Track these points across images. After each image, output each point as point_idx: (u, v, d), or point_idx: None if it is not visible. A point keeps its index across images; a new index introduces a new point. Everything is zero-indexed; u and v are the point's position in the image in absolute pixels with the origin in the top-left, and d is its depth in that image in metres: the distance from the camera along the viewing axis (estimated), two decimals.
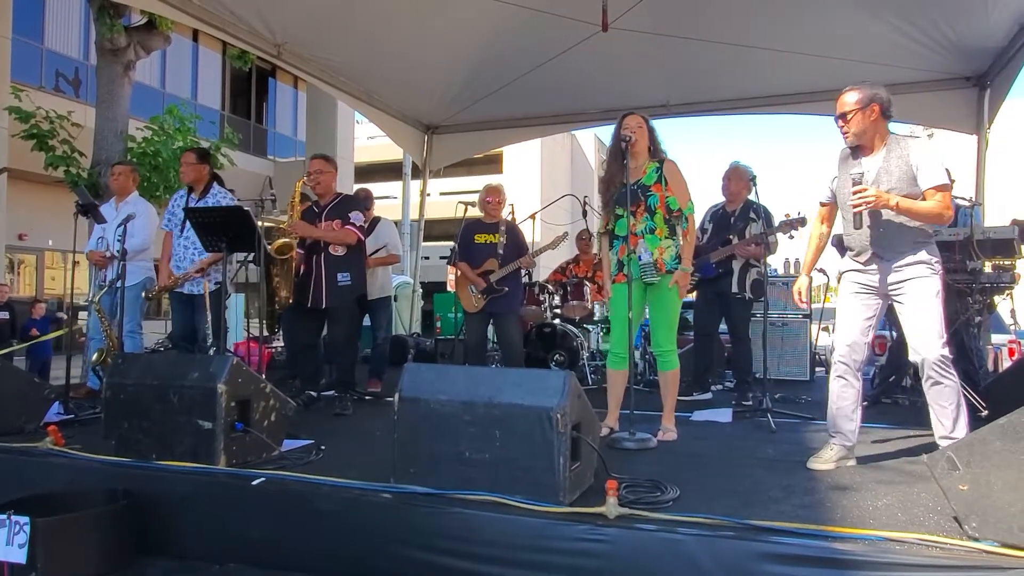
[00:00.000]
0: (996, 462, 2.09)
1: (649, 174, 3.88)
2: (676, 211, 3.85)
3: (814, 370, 7.05)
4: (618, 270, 3.90)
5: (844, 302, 3.22)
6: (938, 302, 2.96)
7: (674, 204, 3.84)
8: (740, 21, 6.04)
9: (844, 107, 3.07)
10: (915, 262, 3.01)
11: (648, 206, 3.82)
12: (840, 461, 3.13)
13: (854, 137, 3.09)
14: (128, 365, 3.30)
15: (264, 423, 3.21)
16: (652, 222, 3.82)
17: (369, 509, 2.62)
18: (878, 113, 3.03)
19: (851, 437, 3.14)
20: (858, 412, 3.16)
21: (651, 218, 3.82)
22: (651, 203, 3.83)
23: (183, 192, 5.05)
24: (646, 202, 3.82)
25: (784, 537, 2.15)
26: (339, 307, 4.70)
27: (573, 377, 2.60)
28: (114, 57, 8.18)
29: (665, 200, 3.83)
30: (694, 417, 4.54)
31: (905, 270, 3.02)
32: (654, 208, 3.82)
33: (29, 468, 3.23)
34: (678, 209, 3.85)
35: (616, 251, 3.93)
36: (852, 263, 3.21)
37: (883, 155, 3.06)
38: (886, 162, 3.04)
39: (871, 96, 3.03)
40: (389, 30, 6.41)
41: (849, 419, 3.14)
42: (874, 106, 3.02)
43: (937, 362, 2.91)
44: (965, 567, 1.98)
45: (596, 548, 2.28)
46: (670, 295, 3.83)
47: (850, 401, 3.14)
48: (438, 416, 2.66)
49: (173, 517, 2.83)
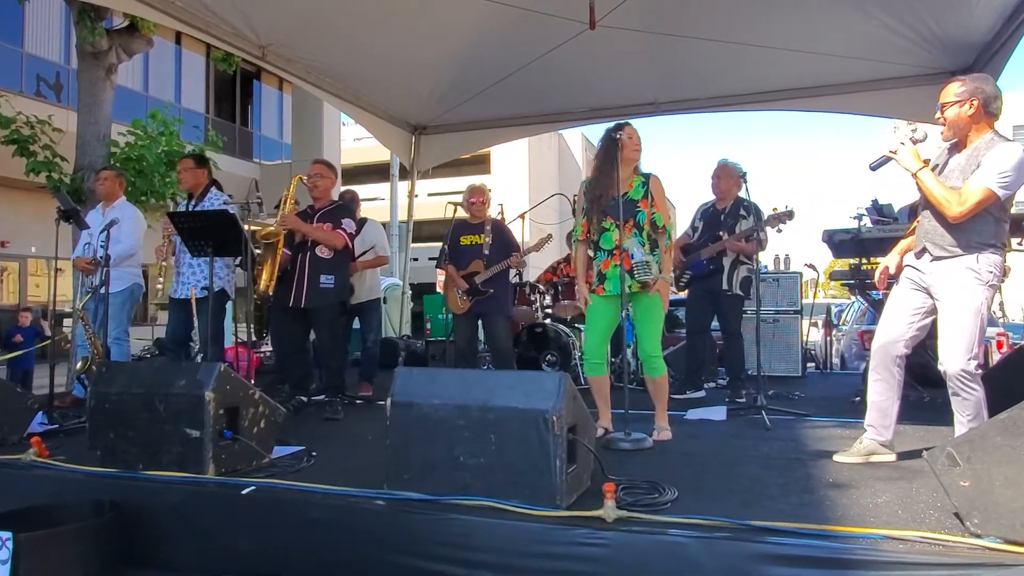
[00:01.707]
0: (997, 458, 2.07)
1: (636, 188, 3.88)
2: (660, 228, 3.89)
3: (805, 366, 7.05)
4: (599, 283, 3.89)
5: (892, 295, 3.14)
6: (974, 316, 2.81)
7: (659, 221, 3.88)
8: (728, 18, 6.02)
9: (944, 97, 2.91)
10: (962, 267, 2.84)
11: (636, 222, 3.82)
12: (870, 455, 3.10)
13: (948, 131, 2.94)
14: (113, 373, 3.23)
15: (253, 430, 3.15)
16: (640, 237, 3.82)
17: (363, 516, 2.57)
18: (978, 108, 2.84)
19: (884, 433, 3.10)
20: (895, 406, 3.10)
21: (639, 234, 3.82)
22: (639, 219, 3.83)
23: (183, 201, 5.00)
24: (635, 217, 3.82)
25: (785, 538, 2.11)
26: (319, 309, 4.66)
27: (568, 379, 2.56)
28: (95, 60, 8.07)
29: (652, 216, 3.85)
30: (688, 416, 4.51)
31: (949, 271, 2.87)
32: (642, 224, 3.83)
33: (12, 481, 3.16)
34: (662, 226, 3.88)
35: (599, 262, 3.91)
36: (910, 257, 3.10)
37: (968, 153, 2.88)
38: (967, 160, 2.88)
39: (973, 89, 2.85)
40: (375, 30, 6.34)
41: (884, 413, 3.09)
42: (974, 100, 2.84)
43: (958, 376, 2.82)
44: (968, 564, 1.96)
45: (595, 552, 2.24)
46: (654, 302, 3.84)
47: (886, 394, 3.08)
48: (431, 421, 2.62)
49: (161, 528, 2.77)
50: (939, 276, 2.91)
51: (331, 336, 4.71)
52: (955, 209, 2.81)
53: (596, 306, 3.91)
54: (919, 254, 3.02)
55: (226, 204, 4.58)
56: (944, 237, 2.90)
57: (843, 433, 3.83)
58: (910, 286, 3.07)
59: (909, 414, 4.13)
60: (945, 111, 2.92)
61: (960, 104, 2.87)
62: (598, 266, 3.91)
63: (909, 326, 3.04)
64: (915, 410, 4.35)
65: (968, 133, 2.91)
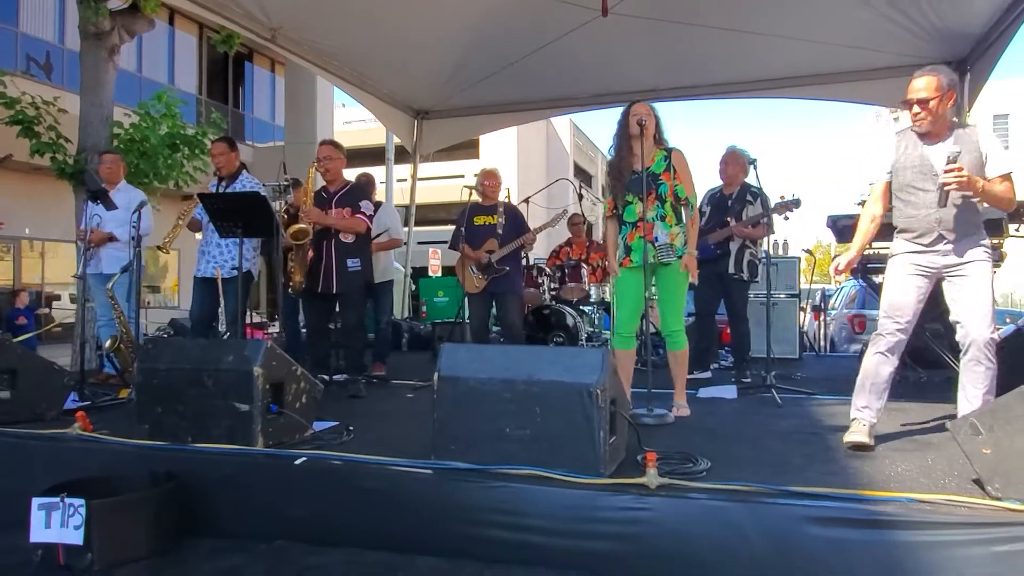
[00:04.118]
0: (1018, 426, 2.24)
1: (658, 162, 3.99)
2: (684, 199, 3.98)
3: (802, 349, 7.25)
4: (625, 254, 4.01)
5: (898, 282, 3.20)
6: (991, 287, 3.06)
7: (682, 192, 3.97)
8: (733, 4, 6.14)
9: (924, 92, 3.02)
10: (976, 245, 3.07)
11: (659, 194, 3.94)
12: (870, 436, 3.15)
13: (930, 124, 3.07)
14: (160, 350, 3.32)
15: (296, 405, 3.27)
16: (663, 209, 3.94)
17: (412, 485, 2.70)
18: (953, 99, 3.04)
19: (876, 415, 3.18)
20: (887, 391, 3.21)
21: (662, 206, 3.94)
22: (662, 191, 3.94)
23: (214, 182, 5.08)
24: (657, 190, 3.93)
25: (822, 501, 2.28)
26: (349, 292, 4.76)
27: (610, 354, 2.70)
28: (98, 41, 8.02)
29: (674, 188, 3.96)
30: (700, 394, 4.67)
31: (968, 252, 3.06)
32: (664, 196, 3.94)
33: (60, 454, 3.26)
34: (685, 197, 3.98)
35: (625, 237, 4.04)
36: (912, 244, 3.18)
37: (952, 141, 3.06)
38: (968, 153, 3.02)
39: (949, 83, 3.02)
40: (383, 14, 6.40)
41: (879, 396, 3.17)
42: (952, 92, 3.02)
43: (986, 344, 2.96)
44: (991, 524, 2.13)
45: (642, 515, 2.39)
46: (680, 278, 3.95)
47: (885, 378, 3.17)
48: (478, 394, 2.75)
49: (216, 498, 2.89)
50: (959, 257, 3.08)
51: (357, 318, 4.82)
52: (1015, 199, 3.05)
53: (625, 279, 4.03)
54: (930, 244, 3.13)
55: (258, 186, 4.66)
56: (960, 224, 3.07)
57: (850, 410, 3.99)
58: (916, 271, 3.17)
59: (911, 393, 4.34)
60: (929, 104, 3.03)
61: (941, 99, 3.02)
62: (624, 239, 4.03)
63: (916, 312, 3.18)
64: (917, 389, 4.55)
65: (944, 123, 3.10)
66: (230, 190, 4.87)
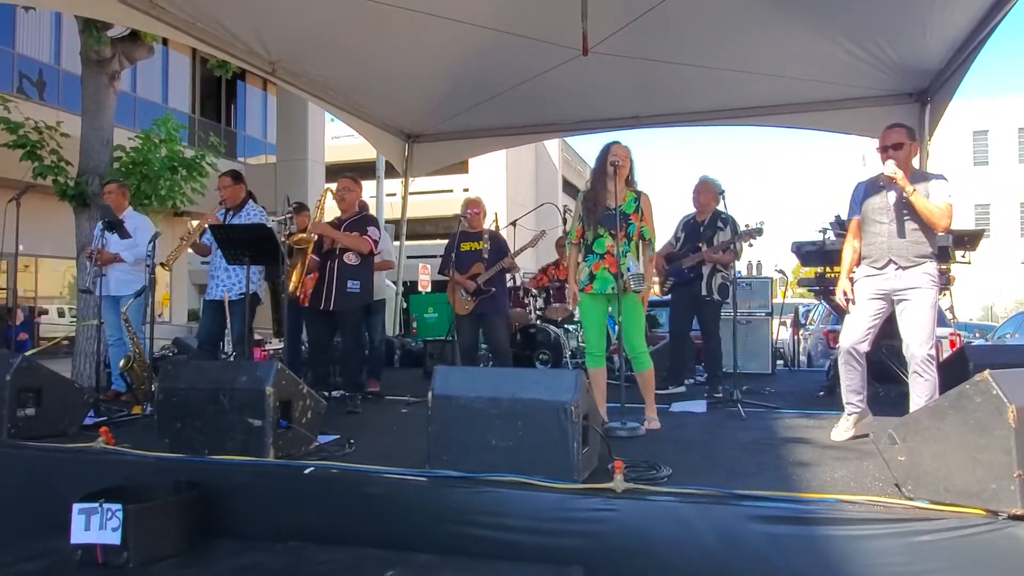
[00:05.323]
0: (926, 437, 2.64)
1: (628, 203, 4.40)
2: (647, 240, 4.45)
3: (775, 364, 7.65)
4: (588, 282, 4.40)
5: (858, 303, 3.79)
6: (932, 311, 3.60)
7: (647, 234, 4.44)
8: (706, 45, 6.56)
9: (897, 139, 3.68)
10: (922, 273, 3.61)
11: (628, 233, 4.35)
12: (858, 426, 3.78)
13: (901, 167, 3.64)
14: (179, 371, 3.67)
15: (303, 420, 3.62)
16: (628, 246, 4.36)
17: (410, 491, 3.06)
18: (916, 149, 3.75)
19: (861, 404, 3.80)
20: (865, 385, 3.80)
21: (628, 243, 4.36)
22: (630, 230, 4.36)
23: (221, 211, 5.42)
24: (627, 229, 4.34)
25: (762, 502, 2.67)
26: (345, 312, 5.11)
27: (583, 375, 3.08)
28: (99, 68, 8.37)
29: (640, 229, 4.39)
30: (672, 408, 5.05)
31: (913, 279, 3.61)
32: (631, 235, 4.37)
33: (86, 466, 3.59)
34: (648, 239, 4.45)
35: (590, 265, 4.43)
36: (868, 269, 3.78)
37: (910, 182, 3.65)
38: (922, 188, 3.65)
39: (912, 133, 3.74)
40: (375, 48, 6.77)
41: (857, 392, 3.78)
42: (915, 143, 3.74)
43: (923, 360, 3.54)
44: (903, 520, 2.52)
45: (608, 516, 2.77)
46: (639, 306, 4.40)
47: (857, 379, 3.77)
48: (468, 411, 3.11)
49: (234, 503, 3.23)
50: (905, 281, 3.64)
51: (355, 337, 5.18)
52: (945, 221, 3.57)
53: (587, 304, 4.45)
54: (882, 267, 3.71)
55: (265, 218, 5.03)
56: (909, 251, 3.65)
57: (807, 423, 4.42)
58: (870, 295, 3.76)
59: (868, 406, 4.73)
60: (902, 151, 3.68)
61: (909, 145, 3.71)
62: (588, 267, 4.43)
63: (869, 329, 3.77)
64: (873, 403, 4.93)
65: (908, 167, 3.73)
66: (235, 221, 5.22)
